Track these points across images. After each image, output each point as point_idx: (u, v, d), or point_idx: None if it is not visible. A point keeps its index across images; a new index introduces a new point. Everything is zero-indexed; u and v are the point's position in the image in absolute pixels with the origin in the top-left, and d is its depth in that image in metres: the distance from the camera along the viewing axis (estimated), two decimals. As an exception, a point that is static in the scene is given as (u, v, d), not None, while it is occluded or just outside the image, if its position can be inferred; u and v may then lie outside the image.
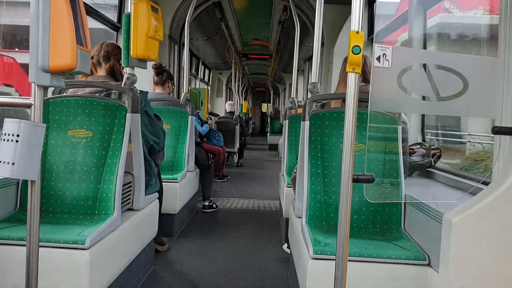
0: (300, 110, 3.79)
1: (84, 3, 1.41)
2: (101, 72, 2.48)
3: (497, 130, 1.46)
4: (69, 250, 1.80)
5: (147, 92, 2.58)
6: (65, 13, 1.31)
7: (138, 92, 2.36)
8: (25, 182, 2.06)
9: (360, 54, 1.31)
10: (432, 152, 2.53)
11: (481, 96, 1.45)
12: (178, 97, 5.30)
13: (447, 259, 1.42)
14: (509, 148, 1.44)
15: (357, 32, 1.33)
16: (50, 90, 2.44)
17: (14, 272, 1.75)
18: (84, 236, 1.82)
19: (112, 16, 4.27)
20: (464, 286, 1.42)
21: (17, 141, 1.25)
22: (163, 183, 3.07)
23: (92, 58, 2.49)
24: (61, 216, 2.11)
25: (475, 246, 1.42)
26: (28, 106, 1.35)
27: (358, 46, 1.32)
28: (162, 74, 3.89)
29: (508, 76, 1.46)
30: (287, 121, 4.09)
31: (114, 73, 2.49)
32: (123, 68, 2.43)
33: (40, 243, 1.42)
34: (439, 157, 2.53)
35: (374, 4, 4.16)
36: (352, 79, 1.36)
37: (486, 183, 1.55)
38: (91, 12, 3.73)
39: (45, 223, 1.94)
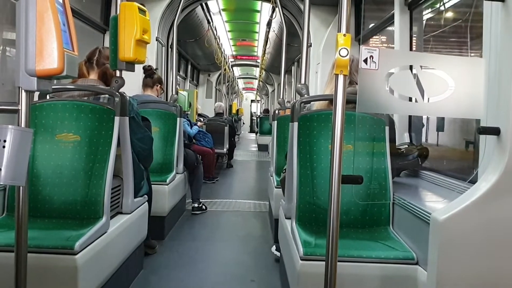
0: (288, 111, 3.80)
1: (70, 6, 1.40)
2: (93, 75, 2.46)
3: (483, 130, 1.48)
4: (58, 255, 1.78)
5: (136, 99, 2.56)
6: (51, 16, 1.30)
7: (128, 97, 2.35)
8: (12, 187, 2.04)
9: (348, 56, 1.32)
10: (419, 151, 2.55)
11: (467, 96, 1.47)
12: (167, 99, 5.28)
13: (435, 257, 1.43)
14: (494, 148, 1.46)
15: (344, 35, 1.34)
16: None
17: (2, 278, 1.73)
18: (73, 241, 1.81)
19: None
20: (452, 284, 1.44)
21: (3, 146, 1.24)
22: (152, 185, 3.06)
23: (87, 61, 2.48)
24: (49, 221, 2.09)
25: (463, 244, 1.43)
26: (15, 111, 1.33)
27: (346, 49, 1.33)
28: (152, 77, 3.86)
29: (493, 77, 1.48)
30: (275, 121, 4.10)
31: (106, 78, 2.48)
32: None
33: (29, 249, 1.41)
34: (426, 156, 2.55)
35: (361, 5, 4.19)
36: (340, 81, 1.37)
37: (472, 182, 1.57)
38: (76, 13, 3.70)
39: (33, 228, 1.92)
